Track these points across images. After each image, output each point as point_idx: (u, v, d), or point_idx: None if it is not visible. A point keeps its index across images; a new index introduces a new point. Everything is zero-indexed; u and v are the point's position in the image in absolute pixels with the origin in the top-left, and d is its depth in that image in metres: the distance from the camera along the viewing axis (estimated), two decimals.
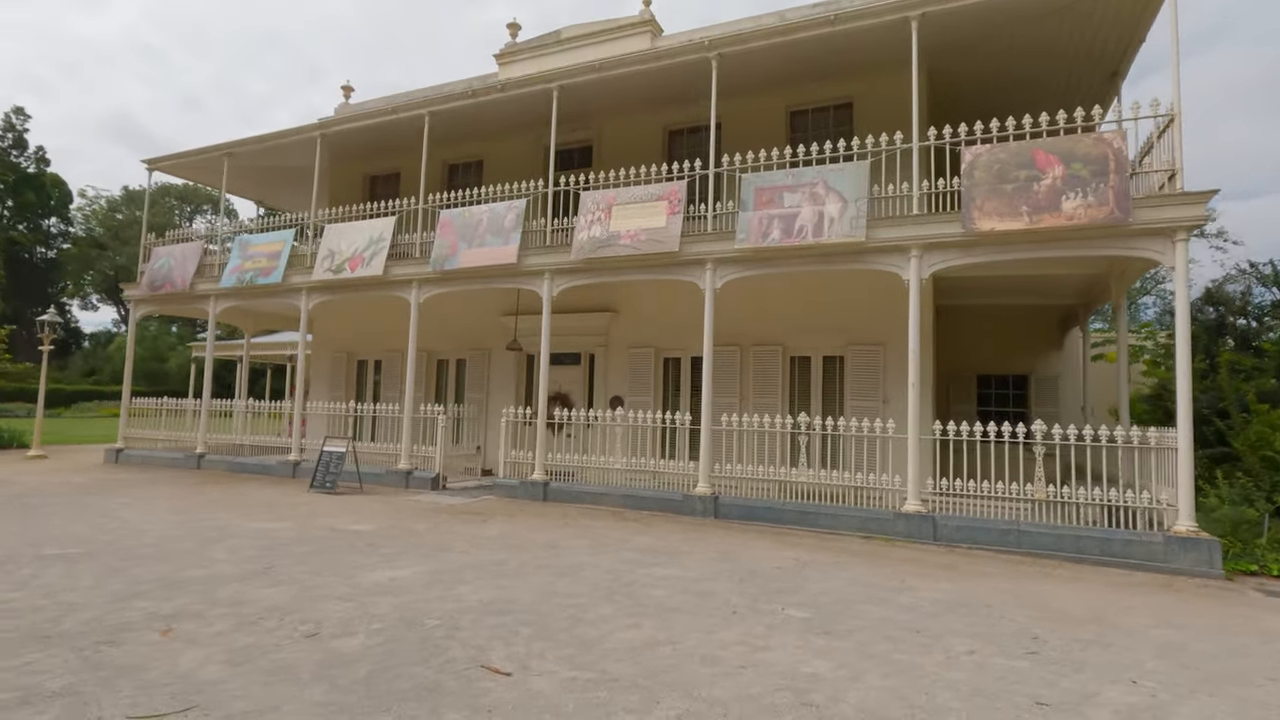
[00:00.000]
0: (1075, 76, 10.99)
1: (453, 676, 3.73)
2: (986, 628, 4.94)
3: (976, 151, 8.62)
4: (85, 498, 9.78)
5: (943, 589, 6.04)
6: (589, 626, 4.66)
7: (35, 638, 4.14)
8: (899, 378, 10.88)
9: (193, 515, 8.57)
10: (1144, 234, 7.78)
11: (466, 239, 11.61)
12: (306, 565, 6.13)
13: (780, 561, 6.91)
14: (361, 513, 9.15)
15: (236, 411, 14.94)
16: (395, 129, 13.80)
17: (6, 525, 7.60)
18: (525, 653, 4.13)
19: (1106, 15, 9.11)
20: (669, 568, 6.47)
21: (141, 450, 14.89)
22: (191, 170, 16.24)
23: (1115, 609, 5.63)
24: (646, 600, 5.34)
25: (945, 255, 8.71)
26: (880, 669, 4.05)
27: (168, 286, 14.66)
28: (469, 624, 4.62)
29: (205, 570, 5.85)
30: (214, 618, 4.61)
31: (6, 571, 5.62)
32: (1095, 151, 8.02)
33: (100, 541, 6.88)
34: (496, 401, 14.20)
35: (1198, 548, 7.23)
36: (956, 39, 9.99)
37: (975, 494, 8.45)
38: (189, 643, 4.13)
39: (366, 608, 4.92)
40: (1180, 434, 7.47)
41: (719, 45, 10.19)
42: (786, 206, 9.44)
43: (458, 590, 5.45)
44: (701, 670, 3.93)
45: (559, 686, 3.64)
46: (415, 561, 6.39)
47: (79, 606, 4.76)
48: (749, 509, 9.35)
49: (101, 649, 3.99)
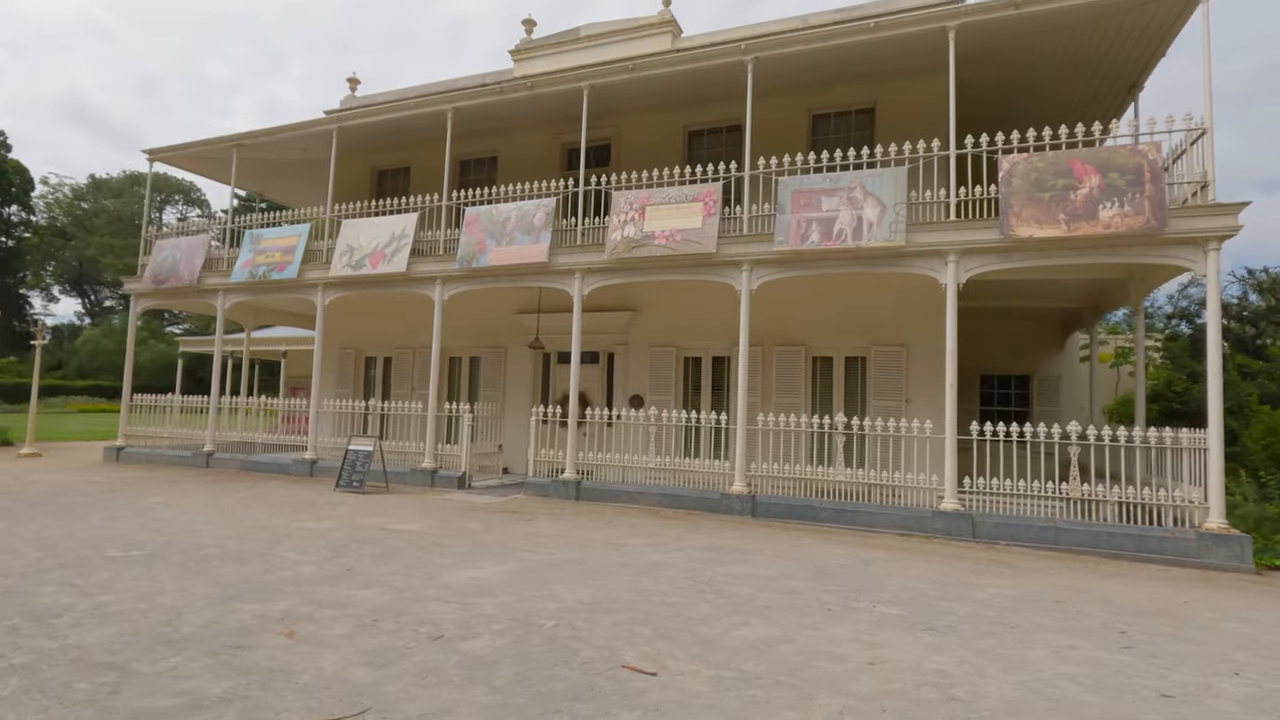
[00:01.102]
0: (1093, 87, 11.34)
1: (601, 677, 3.80)
2: (1072, 622, 5.15)
3: (1014, 160, 8.88)
4: (113, 497, 9.54)
5: (1008, 585, 6.26)
6: (701, 625, 4.75)
7: (161, 642, 4.09)
8: (922, 378, 11.18)
9: (233, 515, 8.43)
10: (1177, 243, 8.11)
11: (494, 236, 11.57)
12: (386, 566, 6.10)
13: (841, 559, 7.08)
14: (403, 512, 9.09)
15: (241, 408, 14.68)
16: (406, 124, 13.66)
17: (53, 527, 7.40)
18: (655, 652, 4.20)
19: (1135, 29, 9.44)
20: (741, 565, 6.58)
21: (143, 448, 14.53)
22: (194, 162, 15.84)
23: (1175, 603, 5.90)
24: (736, 598, 5.45)
25: (982, 260, 8.96)
26: (997, 664, 4.22)
27: (174, 280, 14.31)
28: (584, 624, 4.68)
29: (287, 572, 5.79)
30: (327, 620, 4.59)
31: (85, 574, 5.50)
32: (1131, 162, 8.33)
33: (159, 543, 6.75)
34: (512, 400, 14.18)
35: (1229, 544, 7.59)
36: (981, 47, 10.20)
37: (1009, 492, 8.73)
38: (318, 645, 4.12)
39: (472, 609, 4.94)
40: (1211, 434, 7.82)
41: (755, 49, 10.30)
42: (824, 210, 9.60)
43: (551, 590, 5.50)
44: (833, 667, 4.05)
45: (709, 685, 3.73)
46: (491, 561, 6.41)
47: (183, 610, 4.70)
48: (788, 507, 9.52)
49: (237, 653, 3.96)
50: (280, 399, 17.86)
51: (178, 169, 16.05)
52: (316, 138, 14.64)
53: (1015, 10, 9.03)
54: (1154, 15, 9.04)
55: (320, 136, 14.23)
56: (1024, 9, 8.97)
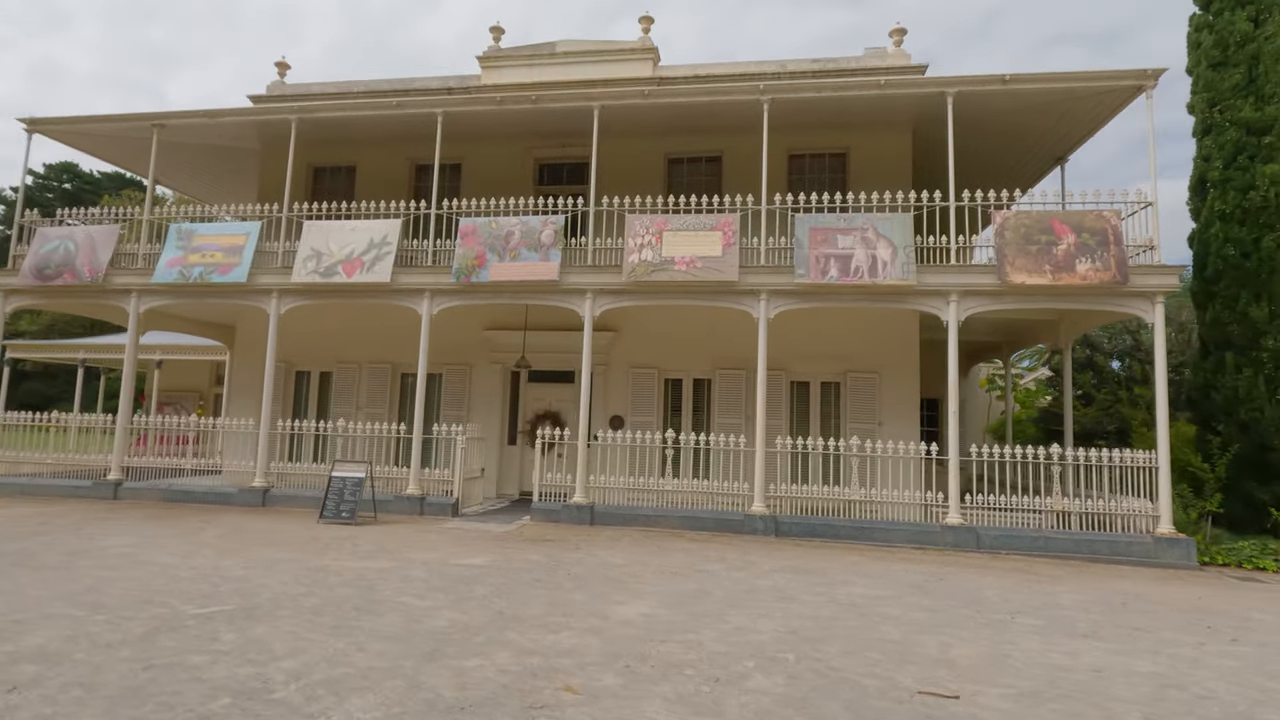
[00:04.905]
0: (1025, 157, 13.18)
1: (914, 705, 3.94)
2: (1161, 621, 6.06)
3: (1005, 215, 10.16)
4: (55, 540, 7.86)
5: (1066, 591, 7.16)
6: (913, 647, 5.02)
7: (437, 711, 3.61)
8: (893, 402, 12.30)
9: (249, 556, 7.34)
10: (1133, 295, 9.73)
11: (496, 251, 11.08)
12: (530, 607, 5.70)
13: (914, 576, 7.65)
14: (433, 546, 8.41)
15: (127, 428, 12.64)
16: (351, 122, 12.71)
17: (37, 586, 6.03)
18: (921, 676, 4.41)
19: (1083, 112, 11.17)
20: (844, 587, 6.92)
21: (15, 477, 12.02)
22: (88, 140, 13.48)
23: (1195, 599, 7.10)
24: (896, 618, 5.78)
25: (979, 301, 10.12)
26: (1182, 663, 4.91)
27: (67, 276, 12.05)
28: (813, 653, 4.76)
29: (437, 621, 5.24)
30: (568, 669, 4.28)
31: (202, 640, 4.61)
32: (1098, 225, 9.89)
33: (220, 594, 5.76)
34: (478, 420, 13.48)
35: (1178, 546, 9.18)
36: (938, 112, 11.27)
37: (1002, 507, 9.88)
38: (616, 699, 3.86)
39: (696, 647, 4.82)
40: (1160, 455, 9.44)
41: (772, 90, 10.86)
42: (840, 247, 10.33)
43: (733, 621, 5.49)
44: (1081, 679, 4.51)
45: (1012, 704, 4.02)
46: (627, 595, 6.21)
47: (405, 671, 4.15)
48: (809, 526, 10.03)
49: (534, 714, 3.61)
50: (151, 414, 15.69)
51: (63, 145, 13.54)
52: (249, 125, 13.14)
53: (1002, 86, 10.37)
54: (1103, 101, 10.78)
55: (255, 124, 12.79)
56: (1010, 85, 10.33)
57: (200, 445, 15.69)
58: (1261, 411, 10.42)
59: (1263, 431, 10.42)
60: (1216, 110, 11.35)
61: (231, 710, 3.53)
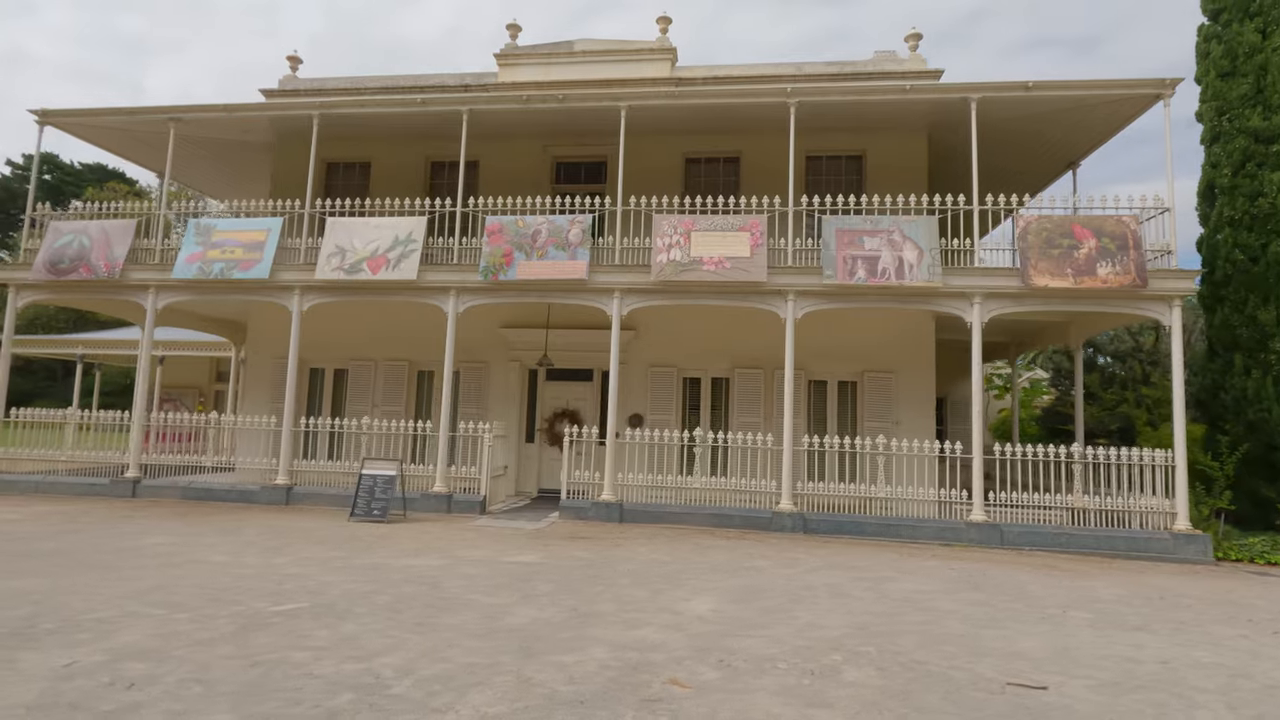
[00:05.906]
0: (1036, 161, 13.44)
1: (1008, 696, 4.10)
2: (1202, 615, 6.30)
3: (1028, 219, 10.40)
4: (98, 540, 7.79)
5: (1104, 586, 7.39)
6: (981, 640, 5.18)
7: (559, 704, 3.70)
8: (909, 401, 12.51)
9: (295, 555, 7.34)
10: (1152, 298, 10.01)
11: (523, 249, 11.10)
12: (599, 604, 5.79)
13: (958, 571, 7.84)
14: (474, 543, 8.46)
15: (143, 424, 12.48)
16: (368, 119, 12.69)
17: (105, 585, 6.00)
18: (1005, 669, 4.56)
19: (1098, 120, 11.45)
20: (895, 583, 7.08)
21: (31, 475, 11.85)
22: (100, 134, 13.27)
23: (1225, 592, 7.36)
24: (953, 613, 5.95)
25: (1001, 303, 10.34)
26: (1240, 658, 5.12)
27: (83, 270, 11.88)
28: (889, 646, 4.90)
29: (516, 618, 5.30)
30: (662, 664, 4.38)
31: (300, 637, 4.64)
32: (1118, 230, 10.16)
33: (286, 591, 5.78)
34: (494, 417, 13.48)
35: (1195, 542, 9.49)
36: (953, 116, 11.53)
37: (1024, 504, 10.13)
38: (723, 692, 3.97)
39: (779, 642, 4.94)
40: (1177, 455, 9.73)
41: (800, 93, 10.99)
42: (866, 249, 10.50)
43: (802, 617, 5.62)
44: (1152, 669, 4.69)
45: (1097, 693, 4.18)
46: (685, 592, 6.31)
47: (486, 667, 4.21)
48: (835, 523, 10.21)
49: (653, 706, 3.71)
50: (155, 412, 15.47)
51: (74, 138, 13.31)
52: (269, 120, 13.03)
53: (1025, 92, 10.61)
54: (1119, 109, 11.06)
55: (282, 120, 12.70)
56: (1033, 92, 10.57)
57: (202, 442, 15.50)
58: (1269, 412, 10.77)
59: (1270, 431, 10.77)
60: (1225, 118, 11.68)
61: (359, 705, 3.58)
